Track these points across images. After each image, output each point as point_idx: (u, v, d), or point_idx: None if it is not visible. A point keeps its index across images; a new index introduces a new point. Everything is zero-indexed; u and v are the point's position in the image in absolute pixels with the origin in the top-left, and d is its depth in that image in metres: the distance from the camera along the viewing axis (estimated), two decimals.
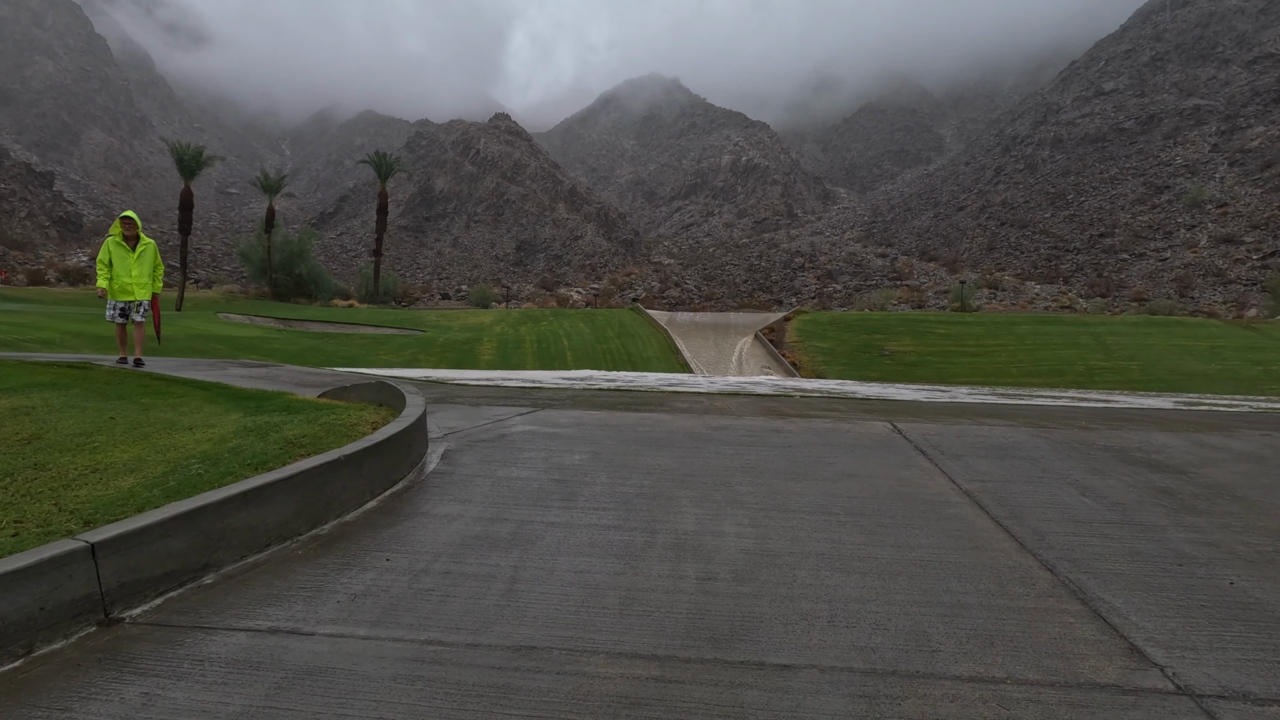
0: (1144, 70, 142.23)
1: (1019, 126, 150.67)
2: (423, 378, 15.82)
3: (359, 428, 4.82)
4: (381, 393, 5.73)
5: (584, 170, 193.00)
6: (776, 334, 42.17)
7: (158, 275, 9.10)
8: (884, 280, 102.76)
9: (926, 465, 4.59)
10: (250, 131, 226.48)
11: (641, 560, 3.05)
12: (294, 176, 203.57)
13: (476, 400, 7.24)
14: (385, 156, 66.33)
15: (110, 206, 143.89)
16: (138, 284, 8.73)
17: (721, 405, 7.45)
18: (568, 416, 6.09)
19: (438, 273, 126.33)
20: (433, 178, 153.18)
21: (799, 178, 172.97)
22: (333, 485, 3.50)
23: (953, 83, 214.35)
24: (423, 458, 4.60)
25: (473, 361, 32.50)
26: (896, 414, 6.66)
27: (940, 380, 33.41)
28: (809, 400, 8.18)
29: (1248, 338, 38.29)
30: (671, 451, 4.89)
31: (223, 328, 32.17)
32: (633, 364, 34.97)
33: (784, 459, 4.71)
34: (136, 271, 8.70)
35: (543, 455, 4.72)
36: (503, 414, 6.14)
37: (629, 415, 6.23)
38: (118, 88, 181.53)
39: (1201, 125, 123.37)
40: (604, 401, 7.33)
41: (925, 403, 8.72)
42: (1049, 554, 3.16)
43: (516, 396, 7.87)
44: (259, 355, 27.49)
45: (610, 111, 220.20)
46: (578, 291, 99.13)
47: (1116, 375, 33.21)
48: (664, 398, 8.10)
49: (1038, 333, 39.72)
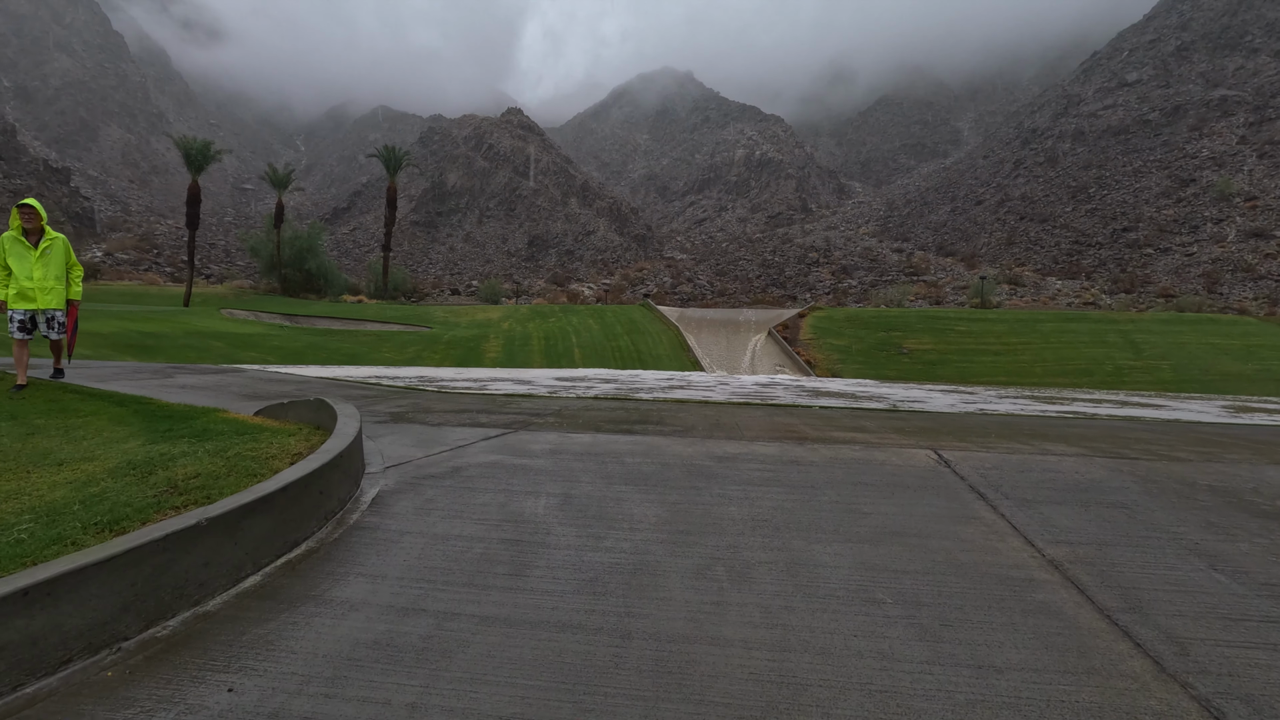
0: (1169, 60, 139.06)
1: (1039, 119, 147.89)
2: (415, 378, 14.91)
3: (275, 461, 3.87)
4: (320, 412, 4.78)
5: (596, 165, 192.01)
6: (790, 331, 41.01)
7: (74, 278, 7.38)
8: (900, 276, 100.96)
9: (991, 517, 3.56)
10: (265, 127, 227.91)
11: (602, 690, 2.06)
12: (308, 172, 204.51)
13: (443, 418, 6.24)
14: (395, 150, 65.63)
15: (127, 202, 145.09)
16: (42, 289, 6.95)
17: (730, 420, 6.45)
18: (544, 441, 5.09)
19: (450, 268, 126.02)
20: (445, 173, 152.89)
21: (813, 172, 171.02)
22: (188, 561, 2.54)
23: (970, 75, 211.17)
24: (345, 504, 3.62)
25: (477, 360, 31.63)
26: (938, 437, 5.61)
27: (961, 379, 32.13)
28: (831, 416, 7.13)
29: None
30: (664, 494, 3.89)
31: (223, 324, 31.51)
32: (642, 362, 33.97)
33: (806, 507, 3.69)
34: (40, 274, 6.94)
35: (499, 500, 3.74)
36: (467, 437, 5.15)
37: (618, 439, 5.23)
38: (135, 84, 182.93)
39: (1229, 116, 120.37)
40: (593, 418, 6.35)
41: (962, 415, 7.66)
42: (1205, 683, 2.14)
43: (496, 409, 6.90)
44: (258, 352, 26.79)
45: (623, 106, 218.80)
46: (589, 287, 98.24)
47: (1147, 375, 31.78)
48: (664, 412, 7.09)
49: (1063, 330, 38.28)
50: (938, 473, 4.31)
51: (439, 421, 5.81)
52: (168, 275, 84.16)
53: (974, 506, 3.71)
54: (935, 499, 3.84)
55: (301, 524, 3.15)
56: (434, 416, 6.13)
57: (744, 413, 7.08)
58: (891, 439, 5.37)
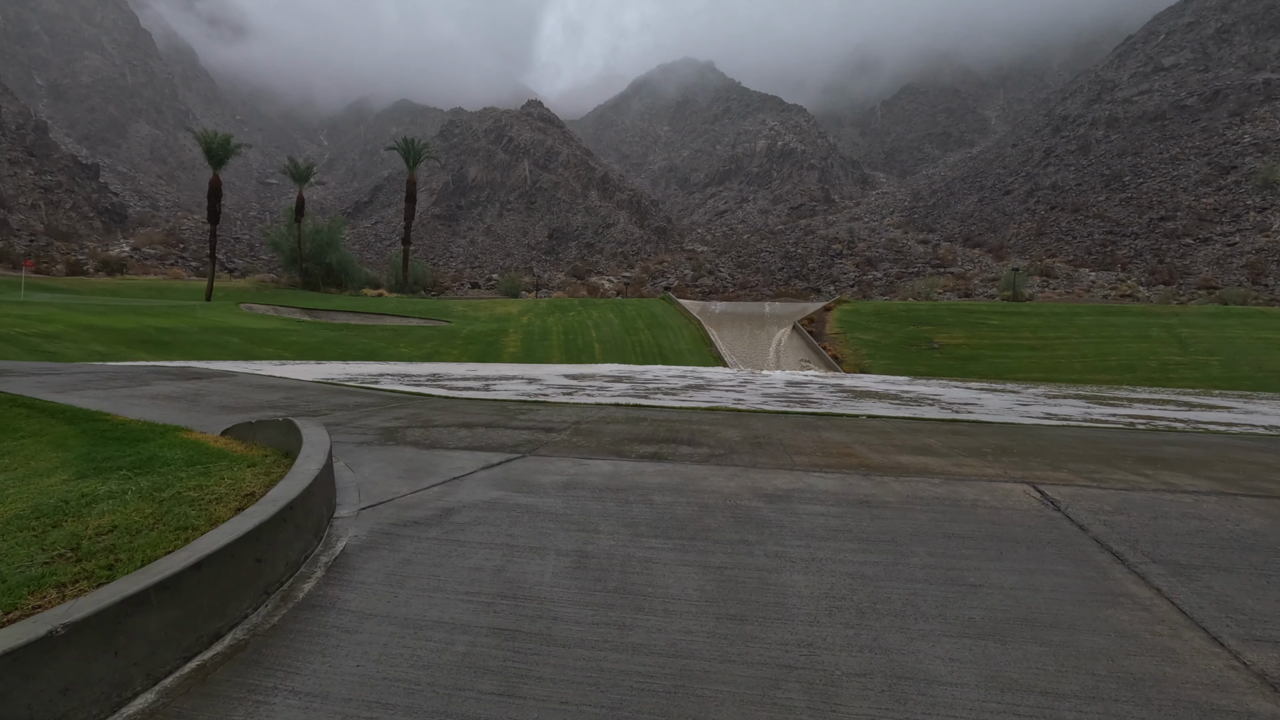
0: (1208, 44, 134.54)
1: (1070, 106, 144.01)
2: (427, 376, 14.25)
3: (219, 505, 3.09)
4: (290, 436, 4.01)
5: (617, 157, 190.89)
6: (816, 325, 39.85)
7: None
8: (926, 268, 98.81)
9: (1144, 594, 2.67)
10: (289, 122, 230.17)
11: None
12: (331, 166, 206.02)
13: (441, 437, 5.43)
14: (414, 143, 65.20)
15: (155, 198, 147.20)
16: None
17: (772, 437, 5.59)
18: (556, 471, 4.26)
19: (470, 261, 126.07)
20: (465, 166, 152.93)
21: (836, 162, 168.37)
22: (33, 690, 1.76)
23: (998, 61, 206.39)
24: (298, 567, 2.83)
25: (496, 355, 30.99)
26: (1025, 462, 4.69)
27: (995, 376, 30.84)
28: (886, 430, 6.23)
29: None
30: (705, 553, 3.04)
31: (242, 319, 31.21)
32: (664, 357, 33.11)
33: (893, 574, 2.83)
34: None
35: (496, 561, 2.92)
36: (465, 464, 4.35)
37: (645, 469, 4.38)
38: (162, 81, 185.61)
39: (1273, 101, 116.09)
40: (613, 436, 5.51)
41: (1033, 427, 6.71)
42: None
43: (504, 421, 6.09)
44: (274, 348, 26.39)
45: (643, 97, 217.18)
46: (609, 280, 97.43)
47: (1195, 372, 30.23)
48: (694, 425, 6.23)
49: (1102, 324, 36.67)
50: (1048, 520, 3.42)
51: (435, 441, 5.00)
52: (193, 270, 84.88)
53: (1115, 575, 2.82)
54: (1059, 561, 2.96)
55: (227, 606, 2.35)
56: (432, 434, 5.33)
57: (785, 427, 6.20)
58: (971, 466, 4.47)
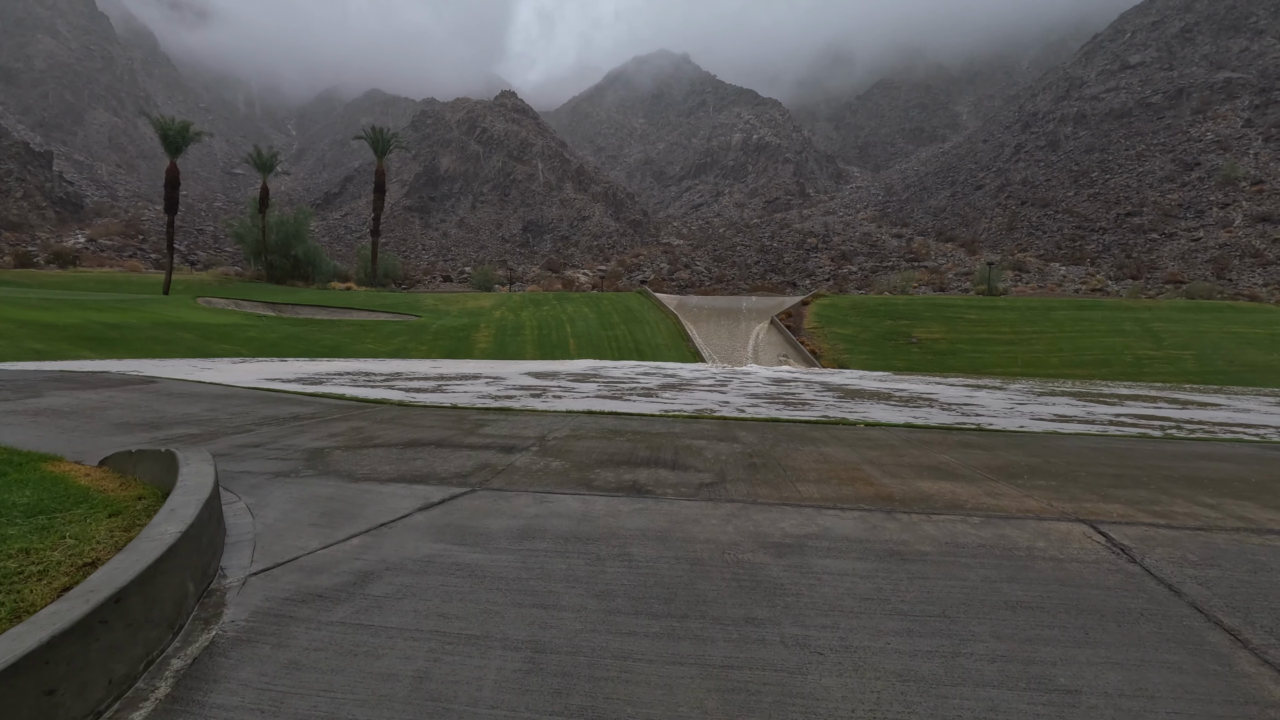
0: (1172, 42, 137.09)
1: (1039, 102, 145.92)
2: (388, 375, 13.26)
3: (39, 584, 2.25)
4: (173, 472, 3.17)
5: (592, 150, 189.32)
6: (794, 319, 39.40)
7: None
8: (901, 262, 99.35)
9: None
10: (256, 111, 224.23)
11: None
12: (300, 157, 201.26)
13: (377, 463, 4.56)
14: (383, 132, 63.38)
15: (114, 187, 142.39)
16: None
17: (768, 455, 4.87)
18: (510, 513, 3.40)
19: (443, 254, 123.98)
20: (438, 157, 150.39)
21: (811, 156, 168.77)
22: None
23: (969, 57, 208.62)
24: (134, 681, 2.00)
25: (467, 351, 29.95)
26: (1068, 489, 4.01)
27: (974, 370, 30.63)
28: (892, 443, 5.52)
29: None
30: (701, 639, 2.28)
31: (198, 314, 29.72)
32: (640, 353, 32.36)
33: (955, 672, 2.09)
34: None
35: (419, 663, 2.12)
36: (399, 505, 3.51)
37: (620, 507, 3.57)
38: (121, 66, 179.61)
39: (1234, 99, 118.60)
40: (584, 455, 4.71)
41: (1049, 436, 6.08)
42: None
43: (458, 438, 5.26)
44: (231, 344, 25.08)
45: (618, 89, 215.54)
46: (584, 274, 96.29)
47: (1169, 366, 30.32)
48: (678, 440, 5.45)
49: (1077, 319, 36.73)
50: (1128, 578, 2.73)
51: (370, 470, 4.12)
52: (152, 262, 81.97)
53: (1244, 668, 2.13)
54: (1164, 646, 2.25)
55: None
56: (368, 458, 4.44)
57: (780, 440, 5.47)
58: (1007, 494, 3.78)
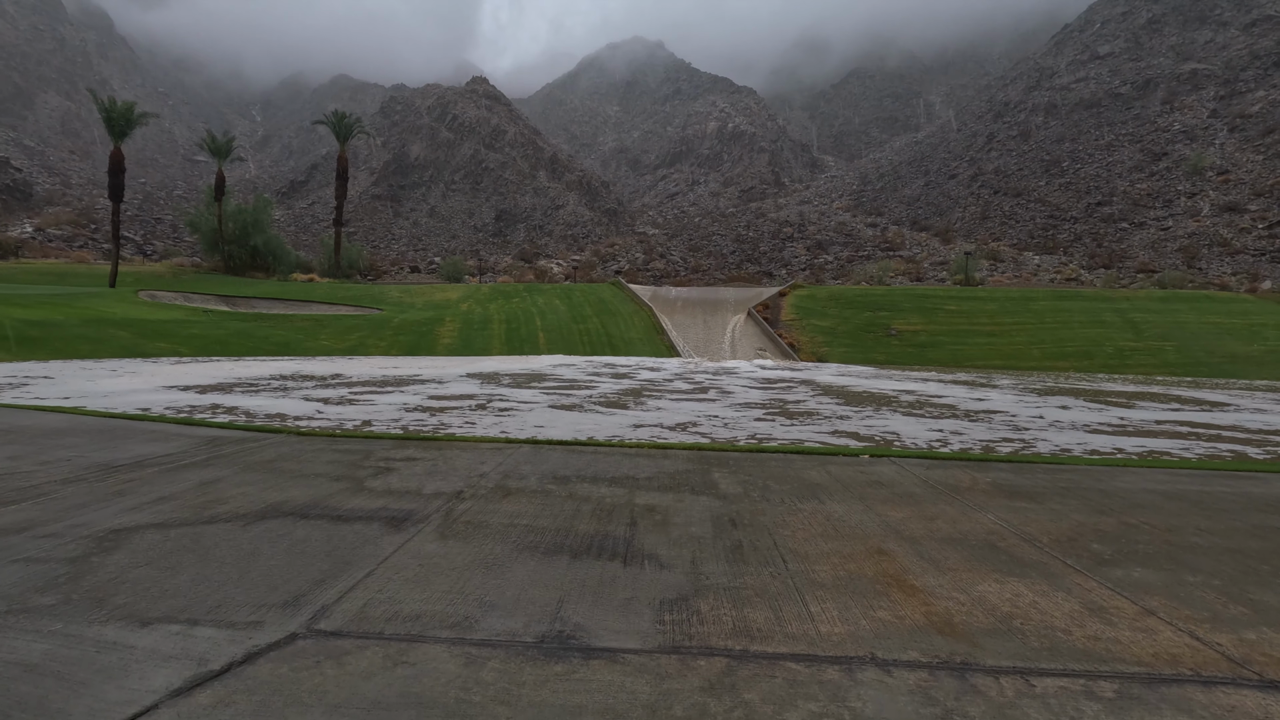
0: (1140, 33, 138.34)
1: (1011, 92, 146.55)
2: (324, 379, 11.76)
3: None
4: None
5: (565, 137, 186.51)
6: (771, 311, 38.38)
7: None
8: (876, 251, 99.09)
9: None
10: (218, 96, 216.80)
11: None
12: (265, 144, 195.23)
13: (196, 556, 3.21)
14: (345, 116, 60.87)
15: (66, 174, 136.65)
16: None
17: (744, 508, 3.68)
18: (334, 697, 1.73)
19: (414, 244, 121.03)
20: (408, 144, 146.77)
21: (786, 145, 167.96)
22: None
23: (942, 47, 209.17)
24: None
25: (429, 346, 28.39)
26: (1178, 581, 2.85)
27: (955, 363, 29.88)
28: (914, 493, 4.34)
29: None
30: None
31: (138, 309, 27.72)
32: (613, 347, 31.08)
33: None
34: None
35: None
36: (149, 683, 1.77)
37: (523, 675, 2.06)
38: (74, 48, 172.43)
39: (1199, 90, 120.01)
40: (503, 532, 3.33)
41: (1108, 473, 4.96)
42: None
43: (341, 501, 3.86)
44: (170, 343, 23.26)
45: (592, 76, 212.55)
46: (558, 264, 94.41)
47: (1151, 358, 29.87)
48: (635, 490, 4.19)
49: (1057, 309, 36.24)
50: None
51: (145, 593, 2.53)
52: (103, 253, 78.38)
53: None
54: None
55: None
56: (169, 558, 2.93)
57: (772, 492, 4.25)
58: (1118, 611, 2.58)
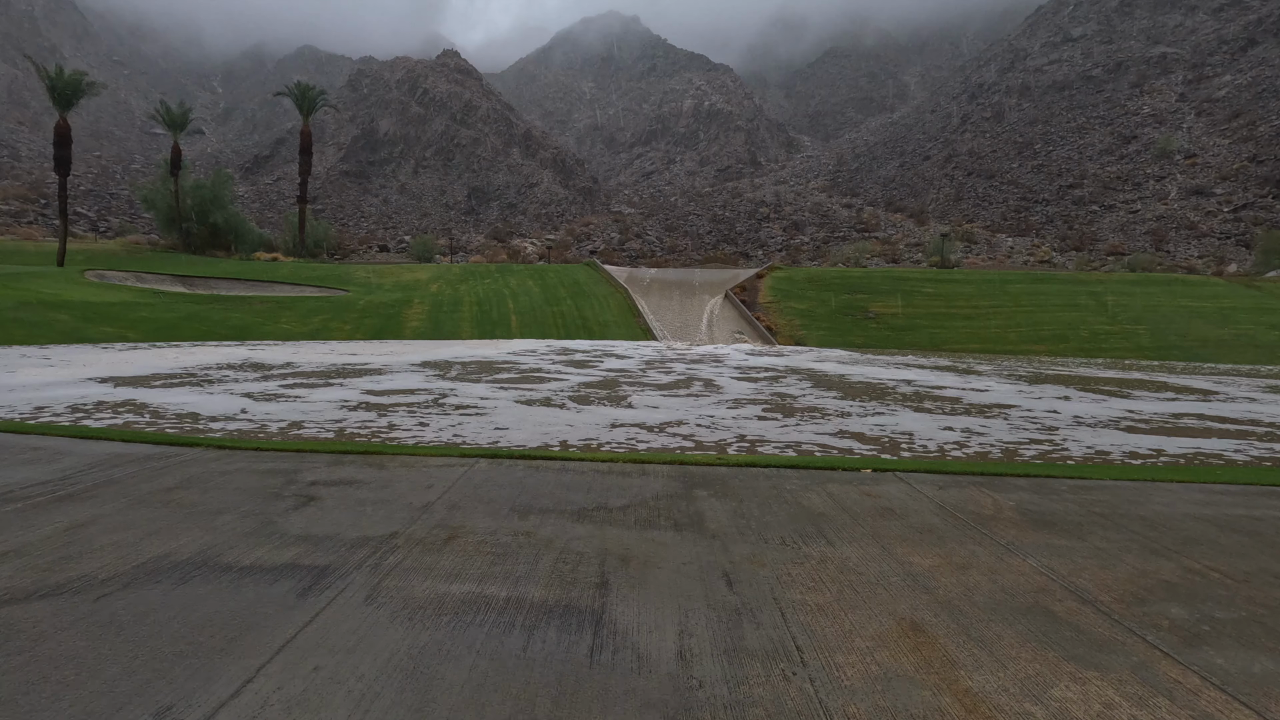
0: (1112, 15, 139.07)
1: (985, 74, 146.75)
2: (276, 367, 10.86)
3: None
4: None
5: (539, 114, 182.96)
6: (748, 293, 37.80)
7: None
8: (852, 232, 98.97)
9: None
10: (176, 66, 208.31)
11: None
12: (227, 116, 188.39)
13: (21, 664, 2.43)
14: (309, 89, 58.50)
15: (15, 146, 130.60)
16: None
17: (737, 551, 3.02)
18: None
19: (383, 222, 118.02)
20: (377, 119, 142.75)
21: (762, 124, 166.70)
22: None
23: (916, 27, 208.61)
24: None
25: (396, 330, 27.30)
26: None
27: (934, 347, 29.64)
28: (933, 526, 3.71)
29: (1254, 298, 35.43)
30: None
31: (81, 291, 26.16)
32: (588, 330, 30.26)
33: None
34: None
35: None
36: None
37: None
38: (20, 13, 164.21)
39: (1168, 74, 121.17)
40: (436, 598, 2.67)
41: (1142, 493, 4.39)
42: None
43: (240, 552, 3.13)
44: (116, 327, 21.92)
45: (566, 50, 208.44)
46: (532, 243, 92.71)
47: (1125, 341, 29.90)
48: (607, 528, 3.49)
49: (1033, 292, 36.18)
50: None
51: None
52: (54, 229, 74.97)
53: None
54: None
55: None
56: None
57: (768, 522, 3.59)
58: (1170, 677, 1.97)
